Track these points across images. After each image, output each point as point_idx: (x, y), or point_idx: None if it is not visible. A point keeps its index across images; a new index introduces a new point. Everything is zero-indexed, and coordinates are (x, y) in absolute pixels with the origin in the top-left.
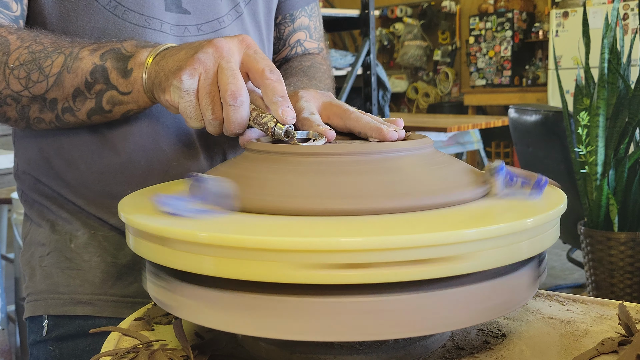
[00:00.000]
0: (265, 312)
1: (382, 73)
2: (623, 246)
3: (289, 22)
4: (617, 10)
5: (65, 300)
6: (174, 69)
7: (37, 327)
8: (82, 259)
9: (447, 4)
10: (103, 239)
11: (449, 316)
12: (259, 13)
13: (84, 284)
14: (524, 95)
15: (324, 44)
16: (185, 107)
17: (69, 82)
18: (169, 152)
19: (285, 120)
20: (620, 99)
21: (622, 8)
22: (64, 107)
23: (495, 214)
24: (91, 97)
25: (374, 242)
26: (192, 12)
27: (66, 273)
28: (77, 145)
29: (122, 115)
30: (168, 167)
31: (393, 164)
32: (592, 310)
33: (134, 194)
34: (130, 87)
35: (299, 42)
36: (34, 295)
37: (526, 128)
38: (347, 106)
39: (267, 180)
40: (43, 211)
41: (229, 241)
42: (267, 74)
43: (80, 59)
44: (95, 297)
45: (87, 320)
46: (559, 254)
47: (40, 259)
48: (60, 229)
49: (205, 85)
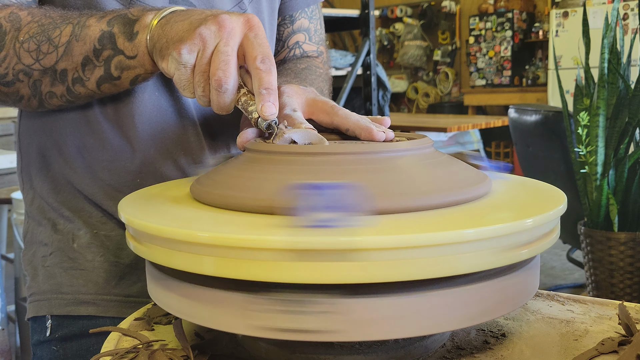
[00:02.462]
0: (265, 312)
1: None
2: (623, 246)
3: (288, 24)
4: (617, 10)
5: (69, 300)
6: (175, 39)
7: (41, 328)
8: (85, 259)
9: (447, 4)
10: (105, 239)
11: (449, 316)
12: (263, 12)
13: (87, 284)
14: (524, 95)
15: (324, 47)
16: (179, 78)
17: (77, 51)
18: (174, 142)
19: (264, 115)
20: (620, 99)
21: (622, 8)
22: (74, 78)
23: (495, 214)
24: (99, 65)
25: (374, 242)
26: (198, 5)
27: (69, 273)
28: (82, 135)
29: (131, 82)
30: (175, 157)
31: (393, 163)
32: (592, 310)
33: (134, 194)
34: (135, 50)
35: (297, 44)
36: (37, 296)
37: (526, 128)
38: (332, 103)
39: (265, 180)
40: (44, 209)
41: (229, 241)
42: (257, 62)
43: (88, 27)
44: (98, 297)
45: (90, 320)
46: (559, 254)
47: (43, 259)
48: (61, 228)
49: (202, 63)
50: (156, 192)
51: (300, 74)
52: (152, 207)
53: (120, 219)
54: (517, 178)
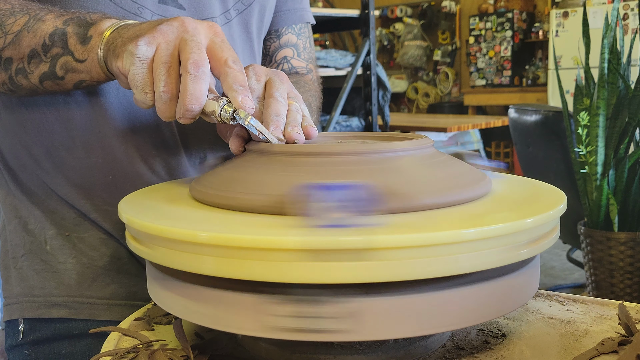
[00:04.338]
0: (277, 313)
1: (382, 73)
2: (623, 246)
3: (274, 39)
4: (617, 10)
5: (41, 303)
6: (133, 36)
7: (14, 331)
8: (57, 261)
9: (447, 4)
10: (78, 241)
11: (449, 316)
12: (252, 24)
13: (59, 286)
14: (524, 95)
15: (313, 66)
16: (134, 75)
17: (26, 42)
18: (146, 139)
19: (244, 108)
20: (620, 99)
21: (622, 8)
22: (18, 68)
23: (495, 214)
24: (46, 61)
25: (374, 242)
26: (187, 8)
27: (41, 275)
28: (51, 134)
29: (74, 85)
30: (151, 160)
31: (393, 164)
32: (592, 310)
33: (134, 193)
34: (86, 54)
35: (285, 58)
36: (10, 299)
37: (526, 128)
38: (274, 89)
39: (267, 180)
40: (16, 206)
41: (229, 241)
42: (229, 62)
43: (43, 21)
44: (70, 299)
45: (63, 323)
46: (559, 254)
47: (14, 260)
48: (32, 228)
49: (162, 55)
50: (156, 192)
51: None
52: (152, 207)
53: (93, 218)
54: (517, 178)
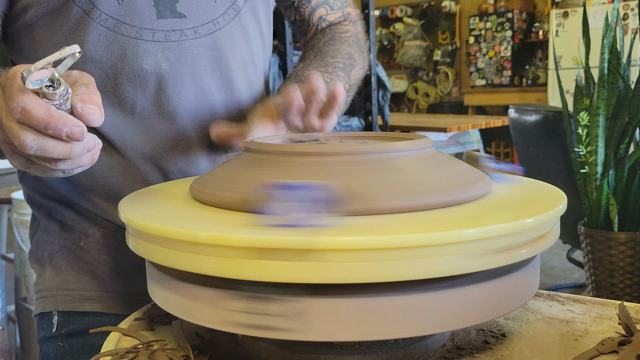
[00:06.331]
0: (231, 308)
1: (382, 73)
2: (623, 246)
3: (305, 4)
4: (617, 10)
5: (75, 296)
6: None
7: (47, 324)
8: (92, 257)
9: (447, 4)
10: (112, 237)
11: (449, 316)
12: (259, 7)
13: (93, 281)
14: (524, 95)
15: (350, 8)
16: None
17: None
18: (167, 153)
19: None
20: (620, 99)
21: (622, 8)
22: None
23: (495, 214)
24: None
25: (374, 242)
26: (188, 15)
27: (76, 270)
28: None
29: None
30: (167, 170)
31: (392, 164)
32: (592, 310)
33: (134, 193)
34: None
35: (321, 18)
36: (43, 292)
37: (526, 128)
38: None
39: (247, 179)
40: (51, 212)
41: (229, 241)
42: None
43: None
44: (104, 294)
45: (96, 317)
46: (559, 254)
47: (50, 257)
48: (69, 227)
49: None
50: (156, 192)
51: (321, 50)
52: (152, 207)
53: (123, 224)
54: (516, 178)
